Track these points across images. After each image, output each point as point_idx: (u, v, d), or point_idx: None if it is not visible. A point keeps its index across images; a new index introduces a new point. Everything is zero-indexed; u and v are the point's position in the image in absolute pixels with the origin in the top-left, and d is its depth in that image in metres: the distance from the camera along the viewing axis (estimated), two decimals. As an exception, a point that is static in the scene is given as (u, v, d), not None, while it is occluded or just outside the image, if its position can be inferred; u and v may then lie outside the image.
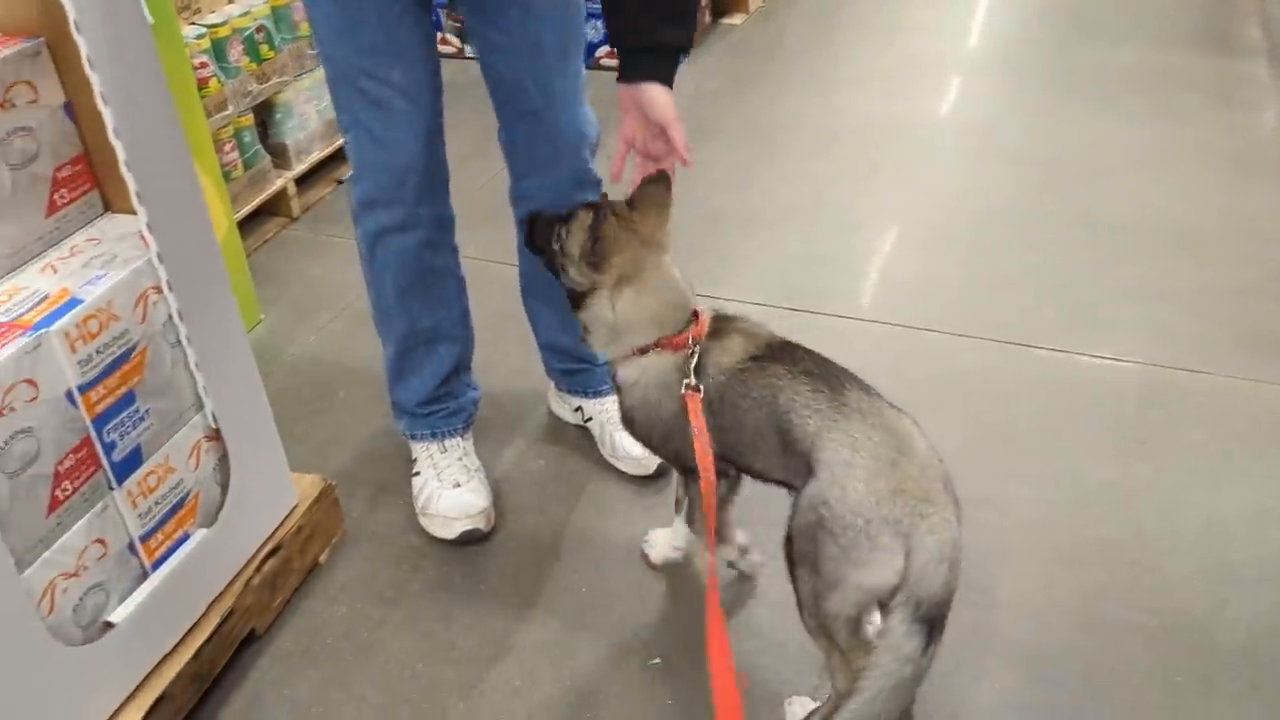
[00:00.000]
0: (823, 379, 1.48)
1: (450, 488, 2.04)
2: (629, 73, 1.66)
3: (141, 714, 1.57)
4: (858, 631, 1.42)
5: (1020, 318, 2.64)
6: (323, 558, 2.00)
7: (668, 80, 1.65)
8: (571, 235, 1.62)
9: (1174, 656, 1.78)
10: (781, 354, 1.54)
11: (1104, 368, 2.47)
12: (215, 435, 1.73)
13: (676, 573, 1.95)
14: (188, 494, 1.70)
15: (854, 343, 2.54)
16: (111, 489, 1.55)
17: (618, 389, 1.69)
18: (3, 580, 1.36)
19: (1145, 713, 1.69)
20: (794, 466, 1.46)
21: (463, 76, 2.59)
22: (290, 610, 1.92)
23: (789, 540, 1.45)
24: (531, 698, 1.75)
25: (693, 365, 1.55)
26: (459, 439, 2.13)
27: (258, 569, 1.81)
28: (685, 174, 1.71)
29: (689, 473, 1.68)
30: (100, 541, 1.54)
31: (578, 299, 1.65)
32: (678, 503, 1.87)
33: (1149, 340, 2.54)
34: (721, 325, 1.62)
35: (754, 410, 1.51)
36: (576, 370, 2.23)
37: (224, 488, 1.76)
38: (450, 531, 2.03)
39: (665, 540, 1.93)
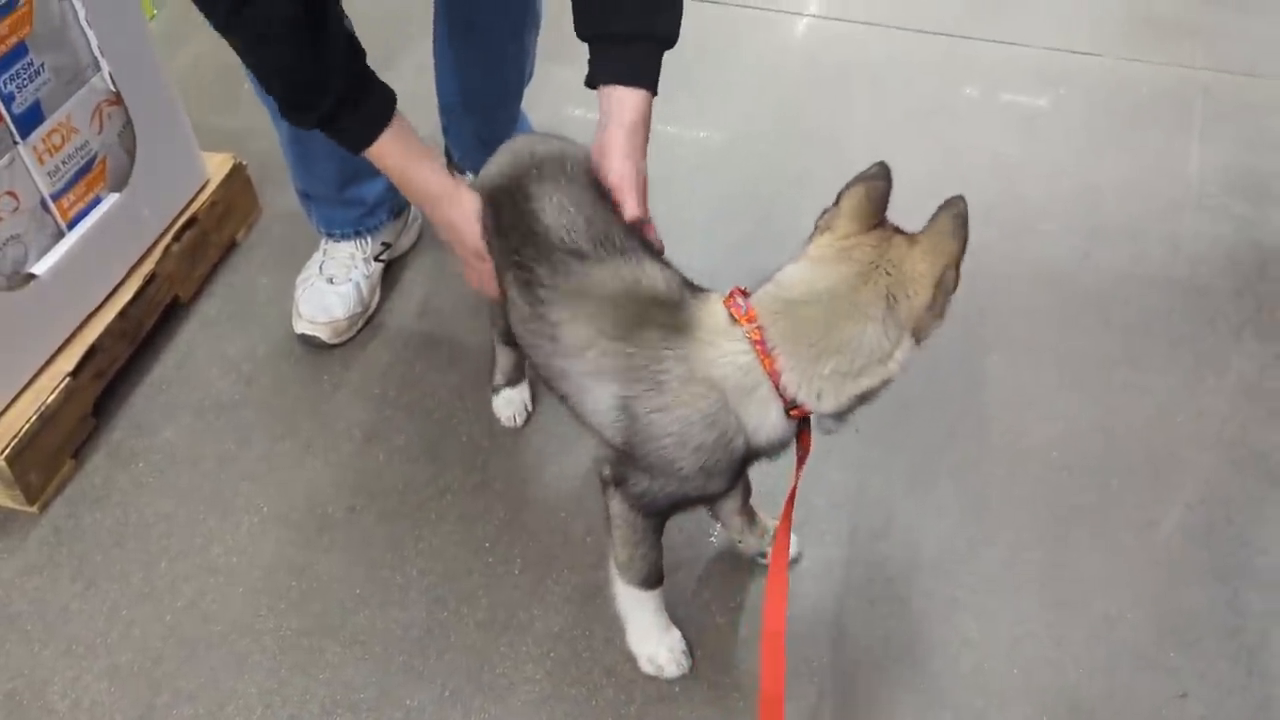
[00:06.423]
0: None
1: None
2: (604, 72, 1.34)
3: (74, 363, 1.66)
4: None
5: (930, 7, 2.67)
6: (240, 236, 2.06)
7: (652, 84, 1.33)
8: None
9: (1039, 297, 1.96)
10: None
11: (1004, 52, 2.54)
12: (117, 100, 1.73)
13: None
14: (94, 156, 1.71)
15: (768, 32, 2.56)
16: (16, 143, 1.56)
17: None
18: (-82, 217, 1.40)
19: (1013, 346, 1.87)
20: None
21: None
22: (214, 282, 1.99)
23: None
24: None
25: None
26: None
27: (175, 238, 1.87)
28: None
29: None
30: (11, 194, 1.57)
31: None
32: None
33: (1050, 26, 2.61)
34: None
35: None
36: None
37: (131, 155, 1.78)
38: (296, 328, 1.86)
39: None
